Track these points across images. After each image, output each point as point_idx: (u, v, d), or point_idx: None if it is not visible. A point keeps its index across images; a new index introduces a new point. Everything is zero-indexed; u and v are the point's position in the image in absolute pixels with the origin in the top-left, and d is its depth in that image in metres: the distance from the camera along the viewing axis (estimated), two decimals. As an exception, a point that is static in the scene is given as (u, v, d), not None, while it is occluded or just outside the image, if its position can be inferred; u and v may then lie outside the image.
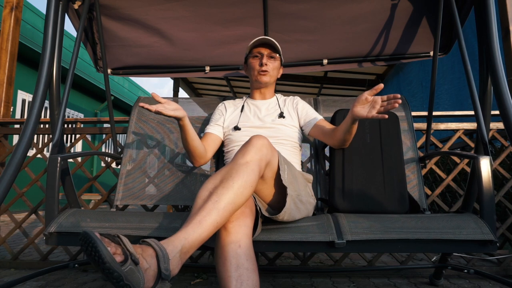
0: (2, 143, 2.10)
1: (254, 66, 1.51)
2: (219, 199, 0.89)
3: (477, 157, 1.12)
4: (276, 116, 1.51)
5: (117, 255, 0.74)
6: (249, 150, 0.98)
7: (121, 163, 1.65)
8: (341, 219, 1.13)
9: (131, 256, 0.75)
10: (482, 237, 1.01)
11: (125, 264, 0.73)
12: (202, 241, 0.87)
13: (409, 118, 1.68)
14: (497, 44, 1.28)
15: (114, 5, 1.74)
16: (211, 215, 0.87)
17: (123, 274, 0.71)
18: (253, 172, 0.95)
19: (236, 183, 0.92)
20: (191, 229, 0.85)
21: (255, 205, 1.02)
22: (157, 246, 0.80)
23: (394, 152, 1.46)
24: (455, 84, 4.21)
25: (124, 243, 0.77)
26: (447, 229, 1.04)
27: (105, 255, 0.70)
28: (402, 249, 1.04)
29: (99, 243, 0.71)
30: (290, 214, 1.06)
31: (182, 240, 0.83)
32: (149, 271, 0.77)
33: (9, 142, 6.37)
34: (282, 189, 1.05)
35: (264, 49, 1.52)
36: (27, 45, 6.11)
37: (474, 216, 1.10)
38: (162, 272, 0.77)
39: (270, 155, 1.02)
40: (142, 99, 1.83)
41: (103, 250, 0.70)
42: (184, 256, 0.84)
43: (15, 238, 3.05)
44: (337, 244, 1.01)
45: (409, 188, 1.51)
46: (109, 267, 0.70)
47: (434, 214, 1.18)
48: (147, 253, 0.79)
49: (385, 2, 1.72)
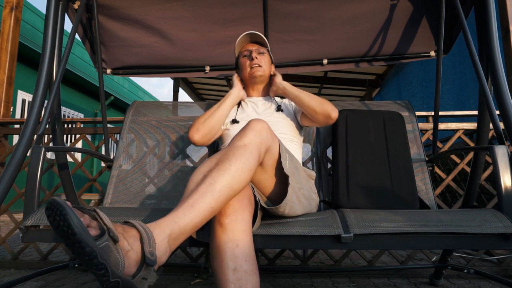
0: (2, 143, 2.10)
1: (245, 63, 1.50)
2: (214, 182, 0.80)
3: (493, 147, 1.05)
4: (273, 110, 1.49)
5: (91, 228, 0.63)
6: (248, 133, 0.90)
7: (112, 166, 1.63)
8: (347, 213, 1.04)
9: (109, 232, 0.64)
10: (504, 230, 0.91)
11: (101, 239, 0.61)
12: (194, 228, 0.77)
13: (414, 120, 1.67)
14: (497, 44, 1.28)
15: (114, 5, 1.74)
16: (205, 198, 0.77)
17: (97, 249, 0.59)
18: (251, 155, 0.86)
19: (233, 166, 0.83)
20: (182, 213, 0.75)
21: (253, 196, 0.93)
22: (141, 227, 0.69)
23: (401, 150, 1.43)
24: (456, 84, 4.21)
25: (101, 217, 0.66)
26: (463, 222, 0.94)
27: (76, 225, 0.58)
28: (416, 245, 0.93)
29: (69, 211, 0.59)
30: (292, 207, 0.97)
31: (171, 223, 0.73)
32: (130, 253, 0.66)
33: (9, 142, 6.36)
34: (283, 180, 0.97)
35: (252, 45, 1.52)
36: (27, 45, 6.10)
37: (492, 209, 1.02)
38: (147, 256, 0.66)
39: (270, 140, 0.94)
40: (137, 103, 1.83)
41: (73, 218, 0.59)
42: (173, 243, 0.74)
43: (15, 238, 3.05)
44: (344, 238, 0.91)
45: (418, 192, 1.48)
46: (80, 240, 0.58)
47: (447, 209, 1.10)
48: (129, 234, 0.68)
49: (385, 2, 1.71)
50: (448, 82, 4.41)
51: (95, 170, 8.97)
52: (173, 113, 1.88)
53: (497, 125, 1.20)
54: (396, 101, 1.78)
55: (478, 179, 1.48)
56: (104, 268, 0.60)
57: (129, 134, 1.71)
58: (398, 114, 1.53)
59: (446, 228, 0.92)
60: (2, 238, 1.98)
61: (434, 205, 1.46)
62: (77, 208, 0.65)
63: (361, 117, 1.52)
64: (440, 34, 1.61)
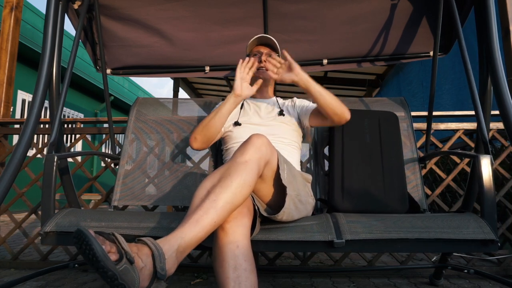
0: (2, 143, 2.10)
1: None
2: (217, 198, 0.87)
3: (478, 156, 1.11)
4: (275, 114, 1.51)
5: (111, 253, 0.72)
6: (248, 149, 0.96)
7: (119, 164, 1.64)
8: (340, 218, 1.12)
9: (126, 255, 0.73)
10: (483, 236, 1.00)
11: (120, 263, 0.71)
12: (199, 241, 0.85)
13: (409, 118, 1.68)
14: (497, 44, 1.28)
15: (114, 5, 1.74)
16: (208, 214, 0.86)
17: (117, 273, 0.69)
18: (252, 171, 0.93)
19: (234, 182, 0.90)
20: (188, 228, 0.84)
21: (253, 205, 1.00)
22: (153, 245, 0.78)
23: (394, 152, 1.45)
24: (456, 84, 4.21)
25: (119, 241, 0.75)
26: (447, 228, 1.03)
27: (100, 254, 0.68)
28: (402, 248, 1.03)
29: (93, 241, 0.69)
30: (289, 214, 1.05)
31: (179, 239, 0.82)
32: (144, 270, 0.75)
33: (9, 142, 6.36)
34: (281, 189, 1.04)
35: (263, 47, 1.53)
36: (27, 45, 6.10)
37: (474, 215, 1.09)
38: (158, 271, 0.76)
39: (269, 154, 1.00)
40: (140, 100, 1.83)
41: (97, 248, 0.68)
42: (181, 256, 0.82)
43: (15, 238, 3.05)
44: (336, 243, 1.00)
45: (409, 189, 1.51)
46: (103, 266, 0.68)
47: (435, 214, 1.17)
48: (143, 252, 0.77)
49: (385, 2, 1.71)
50: (447, 82, 4.41)
51: (95, 170, 8.97)
52: (173, 113, 1.89)
53: (483, 133, 1.22)
54: (391, 97, 1.79)
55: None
56: (124, 287, 0.70)
57: (135, 129, 1.73)
58: (393, 114, 1.54)
59: (430, 234, 1.01)
60: (2, 238, 1.98)
61: (424, 203, 1.49)
62: (99, 233, 0.74)
63: (357, 117, 1.53)
64: (436, 36, 1.61)
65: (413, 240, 1.02)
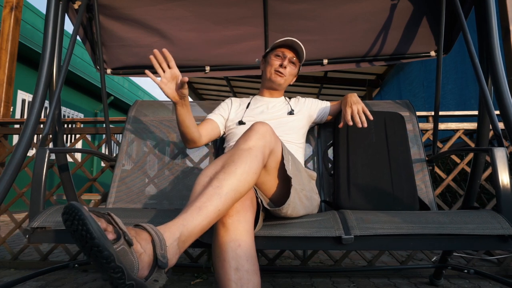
0: (2, 143, 2.10)
1: (273, 64, 1.48)
2: (221, 185, 0.80)
3: (492, 149, 1.06)
4: (284, 113, 1.49)
5: (108, 232, 0.64)
6: (252, 136, 0.91)
7: (115, 166, 1.63)
8: (348, 214, 1.05)
9: (125, 235, 0.65)
10: (502, 232, 0.93)
11: (117, 243, 0.63)
12: (202, 230, 0.78)
13: (415, 119, 1.66)
14: (497, 44, 1.28)
15: (114, 5, 1.74)
16: (212, 201, 0.78)
17: (114, 253, 0.61)
18: (256, 158, 0.88)
19: (239, 169, 0.84)
20: (190, 216, 0.76)
21: (256, 198, 0.94)
22: (153, 230, 0.71)
23: (401, 151, 1.42)
24: (458, 84, 4.20)
25: (116, 221, 0.67)
26: (462, 224, 0.95)
27: (94, 230, 0.59)
28: (415, 245, 0.95)
29: (87, 215, 0.60)
30: (294, 208, 0.99)
31: (180, 227, 0.74)
32: (143, 256, 0.67)
33: (9, 142, 6.37)
34: (286, 182, 0.98)
35: (289, 51, 1.49)
36: (27, 45, 6.11)
37: (491, 211, 1.04)
38: (159, 259, 0.68)
39: (273, 142, 0.95)
40: (139, 103, 1.83)
41: (91, 223, 0.60)
42: (182, 245, 0.75)
43: (15, 238, 3.05)
44: (344, 239, 0.92)
45: (418, 190, 1.48)
46: (98, 244, 0.59)
47: (447, 210, 1.12)
48: (142, 237, 0.69)
49: (385, 2, 1.71)
50: (450, 82, 4.41)
51: (95, 170, 8.98)
52: (173, 113, 1.88)
53: (496, 126, 1.21)
54: (396, 100, 1.78)
55: (478, 179, 1.48)
56: (121, 271, 0.61)
57: (132, 133, 1.71)
58: (398, 114, 1.53)
59: (445, 229, 0.93)
60: (2, 238, 1.98)
61: (434, 205, 1.46)
62: (93, 211, 0.66)
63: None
64: (440, 34, 1.61)
65: (426, 236, 0.95)
